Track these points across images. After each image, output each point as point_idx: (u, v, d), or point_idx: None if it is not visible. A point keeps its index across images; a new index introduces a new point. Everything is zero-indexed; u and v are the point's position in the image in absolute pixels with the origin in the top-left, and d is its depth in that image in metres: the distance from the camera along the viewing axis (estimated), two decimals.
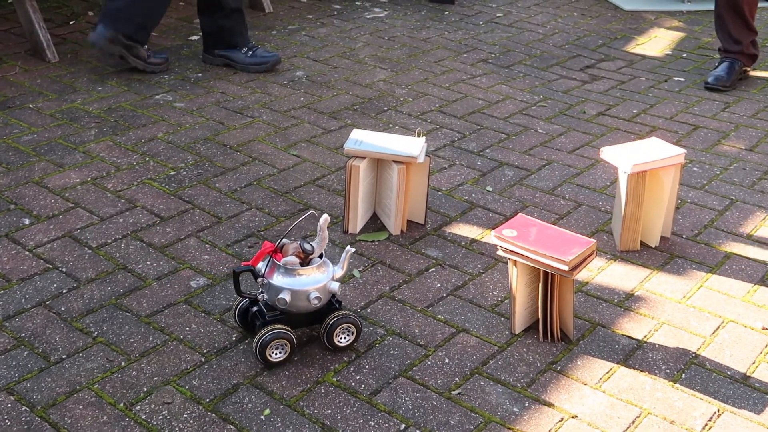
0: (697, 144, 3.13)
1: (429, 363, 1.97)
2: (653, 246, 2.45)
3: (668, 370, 1.97)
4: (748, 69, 3.78)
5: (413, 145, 2.42)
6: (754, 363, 2.00)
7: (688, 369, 1.98)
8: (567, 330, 2.06)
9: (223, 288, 2.19)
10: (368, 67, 3.75)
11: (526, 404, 1.85)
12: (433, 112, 3.32)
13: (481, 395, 1.88)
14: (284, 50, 3.88)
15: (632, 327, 2.12)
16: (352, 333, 1.98)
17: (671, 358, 2.01)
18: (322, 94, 3.43)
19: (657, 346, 2.05)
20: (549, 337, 2.05)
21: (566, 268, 1.92)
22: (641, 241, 2.45)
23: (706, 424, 1.82)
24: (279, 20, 4.30)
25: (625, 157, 2.36)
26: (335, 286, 1.94)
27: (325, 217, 1.93)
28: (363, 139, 2.46)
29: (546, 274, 2.00)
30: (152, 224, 2.46)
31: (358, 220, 2.46)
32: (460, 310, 2.16)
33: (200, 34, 3.89)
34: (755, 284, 2.30)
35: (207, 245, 2.38)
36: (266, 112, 3.24)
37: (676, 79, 3.78)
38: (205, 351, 1.97)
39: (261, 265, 1.95)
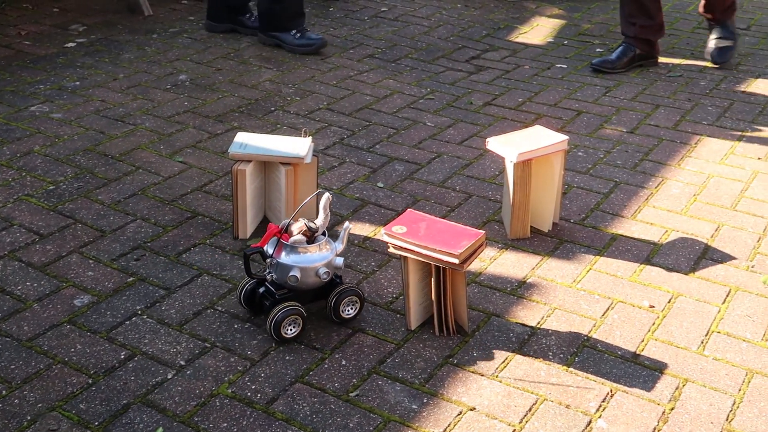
0: (581, 129, 3.20)
1: (326, 366, 1.94)
2: (546, 231, 2.48)
3: (562, 355, 2.00)
4: (656, 59, 3.84)
5: (300, 146, 2.39)
6: (642, 341, 2.05)
7: (580, 352, 2.01)
8: (462, 322, 2.07)
9: (109, 305, 2.11)
10: (253, 67, 3.69)
11: (425, 400, 1.85)
12: (321, 110, 3.29)
13: (380, 395, 1.86)
14: (166, 54, 3.78)
15: (525, 314, 2.14)
16: (357, 304, 2.07)
17: (564, 343, 2.04)
18: (207, 98, 3.35)
19: (550, 331, 2.08)
20: (445, 331, 2.05)
21: (457, 261, 1.92)
22: (532, 228, 2.49)
23: (600, 405, 1.85)
24: (159, 23, 4.19)
25: (510, 146, 2.38)
26: (340, 261, 2.04)
27: (327, 196, 2.03)
28: (248, 142, 2.41)
29: (438, 268, 1.99)
30: (31, 242, 2.35)
31: (248, 225, 2.41)
32: None
33: (77, 41, 3.76)
34: (641, 264, 2.36)
35: (91, 261, 2.29)
36: (149, 119, 3.14)
37: (558, 66, 3.85)
38: (92, 372, 1.89)
39: (268, 247, 2.03)
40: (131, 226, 2.46)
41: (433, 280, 2.01)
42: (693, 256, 2.40)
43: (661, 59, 3.93)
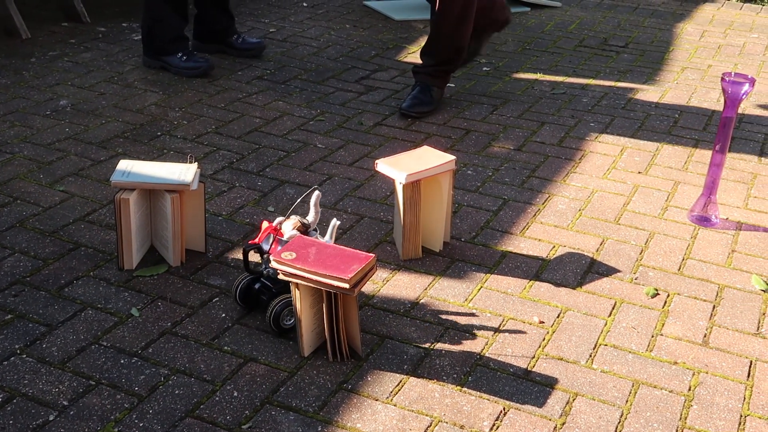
0: (469, 147, 3.24)
1: (217, 399, 1.89)
2: (437, 251, 2.50)
3: (455, 375, 2.01)
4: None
5: (185, 172, 2.33)
6: (534, 357, 2.08)
7: (473, 371, 2.02)
8: (355, 347, 2.05)
9: None
10: (138, 91, 3.60)
11: (319, 428, 1.82)
12: (210, 134, 3.23)
13: (273, 425, 1.82)
14: (45, 78, 3.64)
15: (419, 336, 2.14)
16: None
17: (457, 363, 2.05)
18: (90, 123, 3.24)
19: (443, 352, 2.09)
20: (338, 356, 2.03)
21: (347, 285, 1.91)
22: (423, 248, 2.50)
23: (494, 424, 1.86)
24: (38, 47, 4.04)
25: (399, 168, 2.39)
26: None
27: (317, 193, 2.18)
28: (131, 169, 2.34)
29: (329, 293, 1.97)
30: None
31: (133, 255, 2.34)
32: (248, 338, 2.10)
33: None
34: (530, 280, 2.40)
35: None
36: (27, 147, 3.02)
37: (447, 85, 3.90)
38: None
39: (264, 243, 2.14)
40: (9, 260, 2.35)
41: (324, 305, 1.99)
42: (579, 270, 2.46)
43: (545, 77, 4.04)
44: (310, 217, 2.19)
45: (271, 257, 1.98)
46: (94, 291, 2.24)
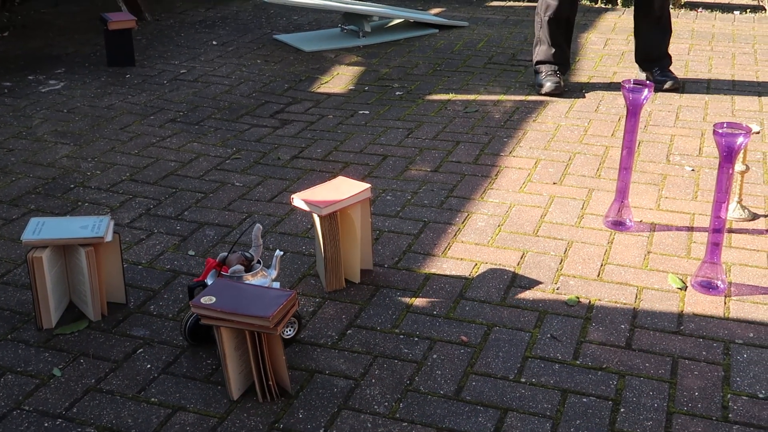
0: (387, 173, 3.27)
1: None
2: (361, 279, 2.50)
3: (386, 404, 2.01)
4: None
5: (99, 225, 2.29)
6: (463, 377, 2.10)
7: (404, 397, 2.03)
8: (284, 385, 2.04)
9: None
10: (49, 144, 3.54)
11: None
12: (125, 182, 3.19)
13: None
14: None
15: (348, 367, 2.14)
16: (295, 325, 2.19)
17: (388, 390, 2.05)
18: None
19: (373, 381, 2.09)
20: (268, 396, 2.02)
21: (269, 324, 1.90)
22: (347, 278, 2.50)
23: None
24: None
25: (315, 200, 2.39)
26: (277, 286, 2.21)
27: (258, 227, 2.22)
28: (42, 226, 2.29)
29: (252, 333, 1.96)
30: None
31: (51, 313, 2.28)
32: (175, 387, 2.07)
33: None
34: (455, 299, 2.42)
35: None
36: None
37: (361, 112, 3.93)
38: None
39: (209, 279, 2.17)
40: None
41: (249, 346, 1.97)
42: (502, 285, 2.49)
43: (457, 96, 4.10)
44: (253, 251, 2.23)
45: (191, 303, 1.96)
46: (13, 354, 2.19)
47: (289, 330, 2.19)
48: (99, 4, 5.93)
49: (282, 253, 2.24)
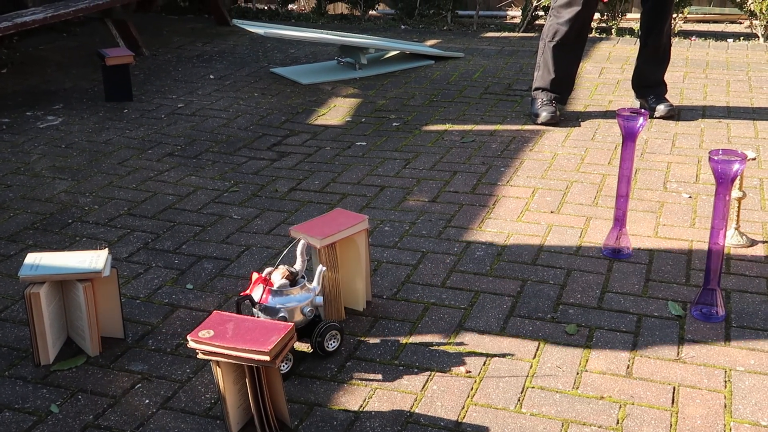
0: (385, 204, 3.27)
1: None
2: (360, 311, 2.50)
3: None
4: None
5: (96, 259, 2.29)
6: (463, 408, 2.09)
7: (405, 429, 2.01)
8: (284, 418, 2.03)
9: None
10: (47, 180, 3.54)
11: None
12: (123, 216, 3.19)
13: None
14: None
15: (347, 399, 2.13)
16: (338, 338, 2.28)
17: (388, 423, 2.04)
18: None
19: (373, 413, 2.07)
20: (268, 430, 2.00)
21: (268, 358, 1.89)
22: (346, 309, 2.49)
23: None
24: None
25: (313, 232, 2.39)
26: (320, 300, 2.28)
27: (302, 242, 2.30)
28: (39, 262, 2.29)
29: (251, 367, 1.95)
30: None
31: (49, 349, 2.27)
32: (173, 422, 2.05)
33: None
34: (454, 330, 2.41)
35: None
36: None
37: (358, 144, 3.94)
38: None
39: (254, 293, 2.23)
40: None
41: (248, 380, 1.96)
42: (502, 315, 2.48)
43: (454, 127, 4.12)
44: (298, 266, 2.29)
45: (189, 337, 1.95)
46: (11, 391, 2.17)
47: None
48: (97, 40, 5.97)
49: (324, 268, 2.28)
